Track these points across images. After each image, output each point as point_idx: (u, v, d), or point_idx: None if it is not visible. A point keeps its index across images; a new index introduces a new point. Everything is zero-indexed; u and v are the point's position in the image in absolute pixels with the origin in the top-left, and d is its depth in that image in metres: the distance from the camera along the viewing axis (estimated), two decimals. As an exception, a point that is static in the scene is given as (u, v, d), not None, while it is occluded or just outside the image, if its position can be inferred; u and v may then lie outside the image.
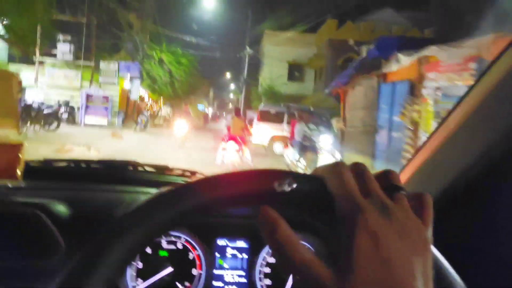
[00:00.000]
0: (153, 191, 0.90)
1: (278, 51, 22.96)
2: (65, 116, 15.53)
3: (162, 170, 1.11)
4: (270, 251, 0.82)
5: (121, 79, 19.54)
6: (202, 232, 0.82)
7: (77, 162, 1.07)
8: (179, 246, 0.82)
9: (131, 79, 17.41)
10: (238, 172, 0.34)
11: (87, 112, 15.92)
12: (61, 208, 0.77)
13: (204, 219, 0.78)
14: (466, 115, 0.61)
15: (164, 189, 0.34)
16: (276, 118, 14.30)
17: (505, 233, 0.61)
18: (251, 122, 16.48)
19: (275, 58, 23.29)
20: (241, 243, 0.85)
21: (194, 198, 0.33)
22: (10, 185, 0.82)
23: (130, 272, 0.78)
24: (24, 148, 0.82)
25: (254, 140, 13.22)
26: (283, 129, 13.68)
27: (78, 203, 0.81)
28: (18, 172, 0.81)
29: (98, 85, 19.91)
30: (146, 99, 24.07)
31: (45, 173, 1.01)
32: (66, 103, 16.30)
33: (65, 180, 0.98)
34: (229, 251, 0.84)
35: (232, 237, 0.84)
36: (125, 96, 19.56)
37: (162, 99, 25.31)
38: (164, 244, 0.82)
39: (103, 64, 19.35)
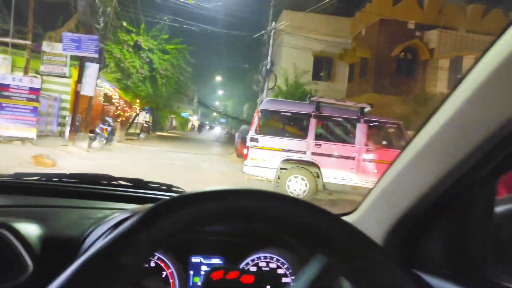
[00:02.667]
0: (128, 206, 0.89)
1: (300, 38, 16.61)
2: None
3: (137, 184, 1.08)
4: (244, 267, 0.81)
5: (75, 69, 12.77)
6: (176, 250, 0.79)
7: (48, 176, 1.05)
8: (152, 264, 0.78)
9: (83, 61, 10.58)
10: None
11: (-2, 116, 8.89)
12: (29, 227, 0.73)
13: (178, 237, 0.73)
14: (433, 135, 0.61)
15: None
16: (295, 127, 7.67)
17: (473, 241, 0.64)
18: (243, 138, 9.67)
19: (295, 48, 16.94)
20: (216, 260, 0.82)
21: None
22: None
23: None
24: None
25: (246, 169, 6.87)
26: (308, 147, 7.03)
27: (48, 220, 0.78)
28: None
29: (39, 77, 13.12)
30: (116, 101, 17.19)
31: (14, 188, 0.97)
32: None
33: (35, 196, 0.94)
34: (204, 268, 0.81)
35: (207, 254, 0.82)
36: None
37: (139, 102, 18.42)
38: None
39: (46, 45, 12.54)
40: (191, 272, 0.80)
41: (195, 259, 0.81)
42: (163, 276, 0.78)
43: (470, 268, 0.63)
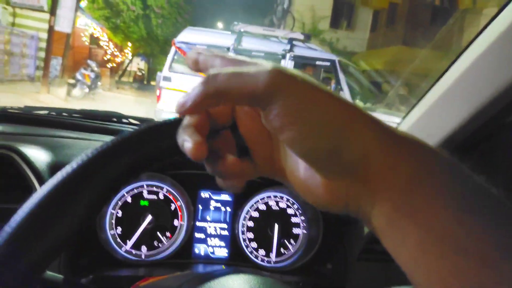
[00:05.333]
0: None
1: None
2: None
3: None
4: (254, 204, 0.83)
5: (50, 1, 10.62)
6: (186, 184, 0.81)
7: (58, 111, 1.05)
8: (161, 196, 0.81)
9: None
10: None
11: None
12: (37, 152, 0.74)
13: (188, 170, 0.79)
14: (461, 74, 0.57)
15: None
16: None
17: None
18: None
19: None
20: (225, 196, 0.84)
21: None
22: None
23: (109, 220, 0.76)
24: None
25: (158, 114, 6.01)
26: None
27: (56, 148, 0.79)
28: None
29: (11, 12, 11.07)
30: (105, 43, 15.05)
31: (24, 119, 0.97)
32: None
33: (45, 127, 0.95)
34: (213, 204, 0.83)
35: (216, 189, 0.81)
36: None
37: (131, 46, 16.26)
38: (145, 194, 0.80)
39: (16, -32, 10.36)
40: (200, 206, 0.82)
41: (204, 194, 0.82)
42: (172, 209, 0.80)
43: None
